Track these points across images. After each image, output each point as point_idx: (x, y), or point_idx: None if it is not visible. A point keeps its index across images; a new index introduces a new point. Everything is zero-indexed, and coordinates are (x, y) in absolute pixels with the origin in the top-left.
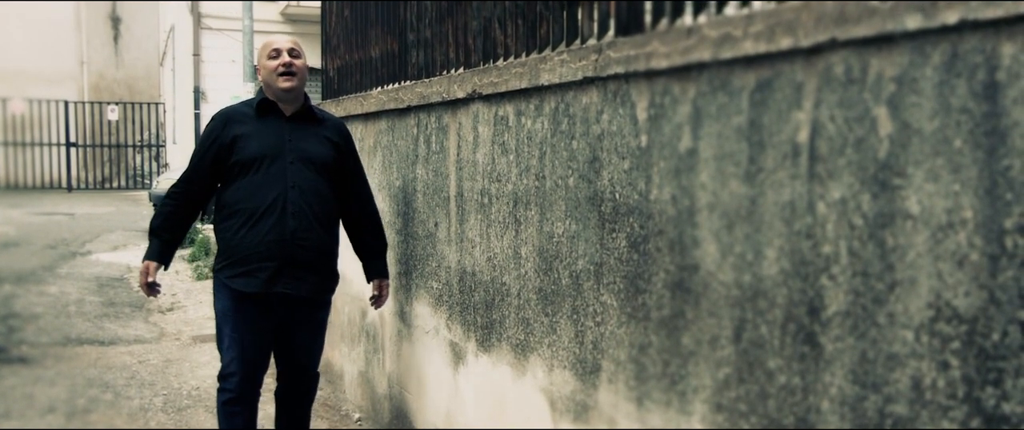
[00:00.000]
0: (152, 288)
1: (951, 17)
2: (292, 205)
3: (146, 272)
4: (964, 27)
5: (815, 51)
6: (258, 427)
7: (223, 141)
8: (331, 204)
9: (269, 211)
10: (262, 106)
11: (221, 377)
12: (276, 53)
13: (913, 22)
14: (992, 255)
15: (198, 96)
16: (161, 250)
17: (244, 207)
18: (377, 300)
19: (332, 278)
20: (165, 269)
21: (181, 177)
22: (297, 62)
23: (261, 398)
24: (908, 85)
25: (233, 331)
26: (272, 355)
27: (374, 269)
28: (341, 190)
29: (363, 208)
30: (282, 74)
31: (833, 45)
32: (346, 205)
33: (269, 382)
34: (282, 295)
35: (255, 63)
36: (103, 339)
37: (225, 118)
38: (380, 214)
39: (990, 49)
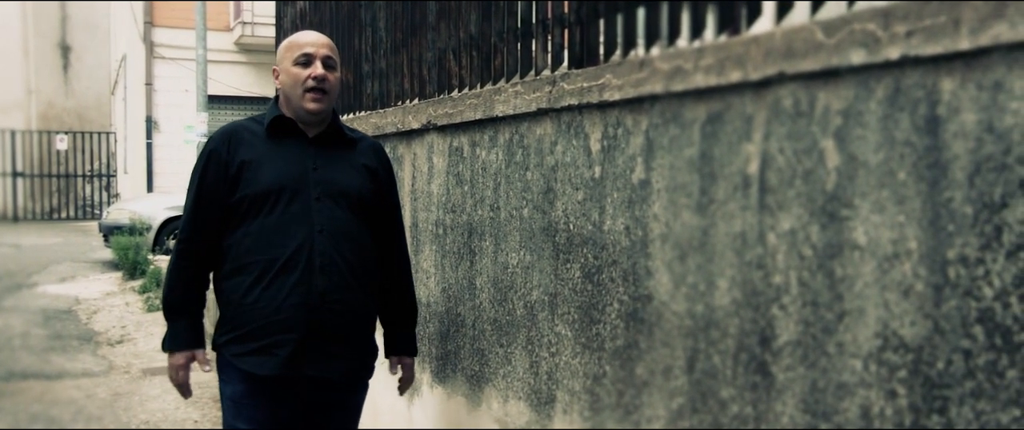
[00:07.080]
0: (188, 388)
1: (893, 53)
2: (320, 256)
3: (186, 366)
4: (906, 63)
5: (764, 84)
6: None
7: (230, 167)
8: (370, 253)
9: (290, 265)
10: (276, 124)
11: None
12: (306, 59)
13: (857, 57)
14: (936, 285)
15: (150, 125)
16: (194, 331)
17: (256, 259)
18: (403, 383)
19: (371, 353)
20: (204, 350)
21: (184, 227)
22: (331, 77)
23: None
24: (854, 118)
25: (249, 425)
26: None
27: (401, 342)
28: (380, 233)
29: (400, 258)
30: (311, 90)
31: (781, 79)
32: (384, 253)
33: None
34: (309, 377)
35: (274, 66)
36: (49, 373)
37: (228, 137)
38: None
39: (931, 84)
